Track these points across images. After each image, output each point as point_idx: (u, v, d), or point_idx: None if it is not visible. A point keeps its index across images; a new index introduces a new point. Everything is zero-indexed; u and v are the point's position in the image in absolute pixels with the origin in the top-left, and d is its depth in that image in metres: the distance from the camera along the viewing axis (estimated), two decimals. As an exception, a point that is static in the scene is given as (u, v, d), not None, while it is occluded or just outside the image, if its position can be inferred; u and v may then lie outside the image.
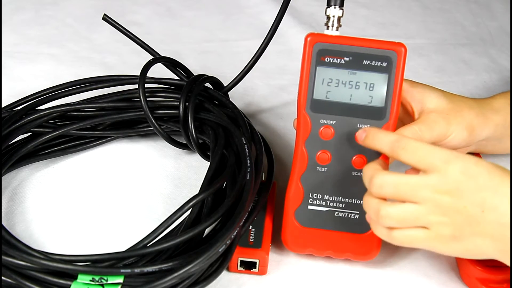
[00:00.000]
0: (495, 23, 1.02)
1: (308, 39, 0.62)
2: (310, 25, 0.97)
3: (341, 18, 0.63)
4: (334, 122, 0.63)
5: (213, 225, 0.62)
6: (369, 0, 1.04)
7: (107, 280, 0.57)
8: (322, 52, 0.62)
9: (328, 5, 0.62)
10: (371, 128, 0.60)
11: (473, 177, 0.56)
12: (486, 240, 0.56)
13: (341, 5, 0.62)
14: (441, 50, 0.96)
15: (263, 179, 0.70)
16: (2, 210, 0.69)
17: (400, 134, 0.61)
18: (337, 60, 0.62)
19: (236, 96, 0.80)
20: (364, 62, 0.62)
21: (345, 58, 0.62)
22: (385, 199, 0.57)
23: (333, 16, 0.62)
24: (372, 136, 0.60)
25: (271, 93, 0.87)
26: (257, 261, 0.63)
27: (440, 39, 0.98)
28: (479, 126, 0.66)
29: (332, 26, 0.62)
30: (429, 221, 0.56)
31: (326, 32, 0.62)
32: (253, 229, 0.65)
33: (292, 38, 0.93)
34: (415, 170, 0.58)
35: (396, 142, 0.58)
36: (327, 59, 0.62)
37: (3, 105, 0.74)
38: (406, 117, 0.67)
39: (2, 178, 0.71)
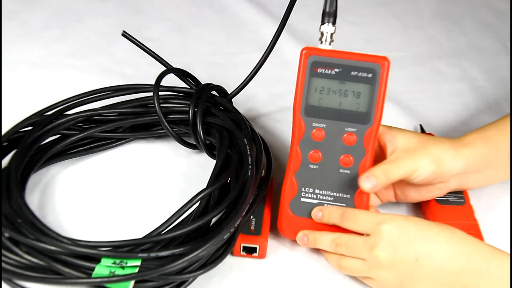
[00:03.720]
0: (466, 38, 1.02)
1: (304, 52, 0.62)
2: (303, 40, 0.97)
3: (333, 34, 0.63)
4: (325, 125, 0.63)
5: (219, 215, 0.63)
6: (356, 18, 1.04)
7: (126, 263, 0.57)
8: (316, 64, 0.62)
9: (322, 23, 0.62)
10: (325, 207, 0.63)
11: (404, 231, 0.57)
12: (426, 285, 0.57)
13: (334, 23, 0.62)
14: (419, 62, 0.96)
15: (263, 175, 0.70)
16: (36, 203, 0.70)
17: (371, 171, 0.62)
18: (328, 71, 0.62)
19: (239, 103, 0.80)
20: (352, 73, 0.61)
21: (336, 69, 0.62)
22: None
23: (326, 33, 0.62)
24: (328, 213, 0.62)
25: (269, 100, 0.87)
26: (257, 246, 0.64)
27: (417, 53, 0.99)
28: (447, 159, 0.63)
29: (325, 41, 0.62)
30: (372, 274, 0.59)
31: (320, 46, 0.62)
32: (254, 219, 0.66)
33: (288, 52, 0.93)
34: None
35: (342, 215, 0.61)
36: (320, 70, 0.62)
37: (36, 112, 0.74)
38: (381, 155, 0.65)
39: (35, 174, 0.72)
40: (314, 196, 0.64)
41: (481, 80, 0.93)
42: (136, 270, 0.57)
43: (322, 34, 0.62)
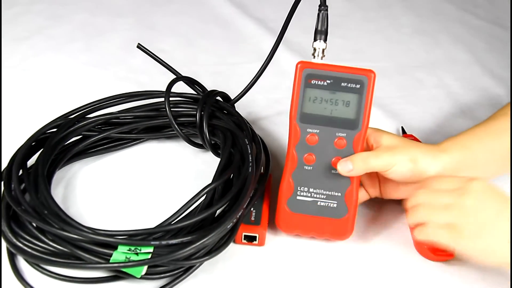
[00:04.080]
0: (441, 50, 1.02)
1: (299, 65, 0.61)
2: (298, 52, 0.96)
3: (325, 50, 0.62)
4: (318, 131, 0.62)
5: (223, 207, 0.62)
6: (345, 32, 1.03)
7: (140, 250, 0.57)
8: (309, 76, 0.61)
9: (315, 40, 0.62)
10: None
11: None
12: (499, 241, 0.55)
13: (325, 40, 0.62)
14: (400, 71, 0.96)
15: (262, 171, 0.70)
16: (60, 196, 0.69)
17: (351, 157, 0.61)
18: (321, 82, 0.61)
19: (241, 107, 0.80)
20: (342, 84, 0.61)
21: (327, 81, 0.61)
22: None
23: (319, 48, 0.62)
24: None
25: (268, 104, 0.87)
26: (257, 235, 0.63)
27: (399, 63, 0.98)
28: (424, 161, 0.62)
29: (318, 55, 0.62)
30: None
31: (313, 60, 0.62)
32: (254, 210, 0.65)
33: (284, 62, 0.93)
34: None
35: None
36: (313, 82, 0.61)
37: (60, 115, 0.74)
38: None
39: (59, 171, 0.71)
40: (309, 195, 0.63)
41: (454, 87, 0.93)
42: (149, 256, 0.57)
43: (314, 49, 0.62)
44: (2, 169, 0.67)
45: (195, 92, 0.78)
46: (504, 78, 0.94)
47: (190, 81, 0.77)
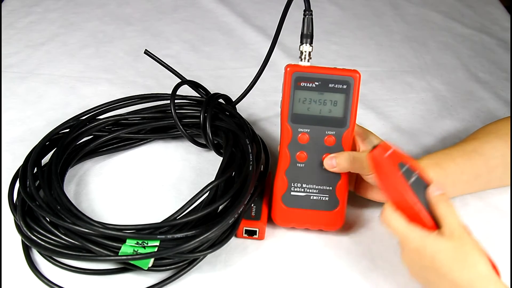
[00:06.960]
0: (430, 56, 1.01)
1: (288, 69, 0.61)
2: (295, 57, 0.94)
3: (311, 53, 0.61)
4: (308, 130, 0.62)
5: (225, 203, 0.62)
6: (339, 39, 1.03)
7: (147, 243, 0.57)
8: (298, 79, 0.61)
9: (301, 43, 0.61)
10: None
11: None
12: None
13: (311, 43, 0.61)
14: (391, 76, 0.96)
15: (261, 169, 0.69)
16: (72, 193, 0.69)
17: (337, 154, 0.61)
18: (309, 84, 0.61)
19: (242, 109, 0.79)
20: (330, 85, 0.60)
21: (316, 83, 0.60)
22: None
23: (305, 51, 0.61)
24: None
25: (267, 106, 0.87)
26: (257, 229, 0.63)
27: (390, 67, 0.98)
28: None
29: (305, 58, 0.61)
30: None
31: (301, 63, 0.61)
32: (254, 206, 0.65)
33: (282, 67, 0.91)
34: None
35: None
36: (303, 84, 0.61)
37: (73, 116, 0.73)
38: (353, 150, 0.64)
39: (72, 169, 0.71)
40: (302, 190, 0.63)
41: (442, 91, 0.92)
42: (156, 249, 0.56)
43: (301, 53, 0.62)
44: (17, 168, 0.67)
45: (199, 95, 0.77)
46: (488, 82, 0.94)
47: (194, 85, 0.77)
